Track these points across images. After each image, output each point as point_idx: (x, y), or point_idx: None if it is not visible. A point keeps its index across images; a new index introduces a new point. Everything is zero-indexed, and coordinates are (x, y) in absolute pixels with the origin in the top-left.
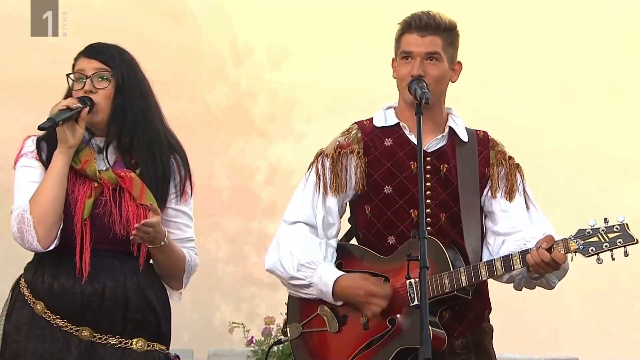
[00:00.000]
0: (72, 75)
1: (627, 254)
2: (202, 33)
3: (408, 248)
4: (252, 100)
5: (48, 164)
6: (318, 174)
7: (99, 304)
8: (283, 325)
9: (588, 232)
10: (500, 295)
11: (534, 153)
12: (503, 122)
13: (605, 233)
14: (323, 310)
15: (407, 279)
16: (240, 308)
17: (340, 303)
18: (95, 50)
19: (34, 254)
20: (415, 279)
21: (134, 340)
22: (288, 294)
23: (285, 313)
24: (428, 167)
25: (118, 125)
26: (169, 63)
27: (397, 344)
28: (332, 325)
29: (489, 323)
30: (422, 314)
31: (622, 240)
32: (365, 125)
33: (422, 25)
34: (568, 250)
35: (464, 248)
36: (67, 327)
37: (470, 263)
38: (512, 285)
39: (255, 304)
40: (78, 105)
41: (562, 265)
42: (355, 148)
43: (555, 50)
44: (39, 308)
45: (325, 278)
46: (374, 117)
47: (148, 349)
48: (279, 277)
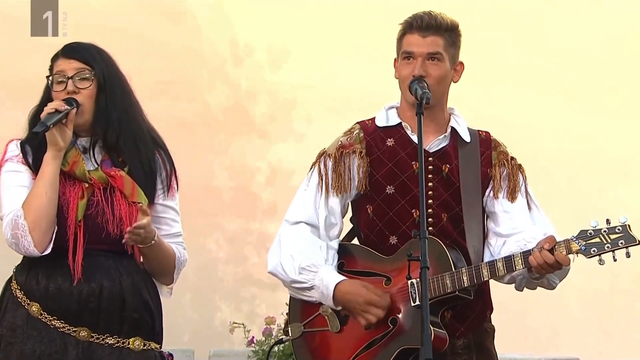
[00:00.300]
0: (51, 77)
1: (629, 255)
2: (202, 33)
3: (409, 248)
4: (252, 101)
5: (35, 168)
6: (320, 174)
7: (97, 304)
8: (284, 325)
9: (590, 233)
10: (501, 296)
11: (534, 153)
12: (503, 122)
13: (607, 234)
14: (324, 310)
15: (408, 279)
16: (241, 308)
17: (340, 308)
18: (74, 50)
19: (22, 257)
20: (417, 279)
21: (131, 340)
22: (289, 294)
23: (287, 313)
24: (430, 167)
25: (103, 125)
26: (170, 63)
27: (398, 344)
28: (333, 325)
29: (491, 323)
30: (422, 314)
31: (624, 242)
32: (368, 125)
33: (423, 26)
34: (570, 251)
35: (466, 248)
36: (64, 327)
37: (472, 263)
38: (513, 286)
39: (256, 304)
40: (66, 107)
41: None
42: (358, 148)
43: (556, 51)
44: (35, 309)
45: (326, 281)
46: (376, 117)
47: (144, 348)
48: (281, 279)
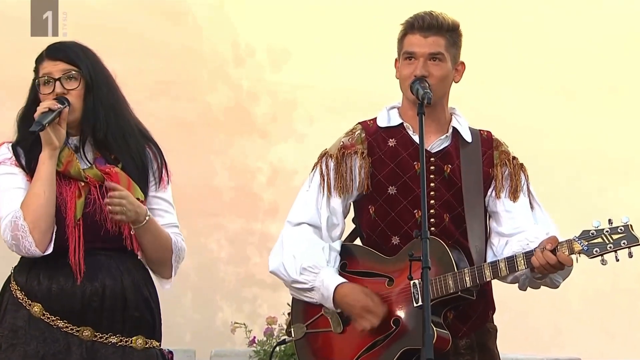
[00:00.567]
0: (38, 79)
1: (631, 255)
2: (203, 33)
3: (411, 248)
4: (253, 101)
5: (28, 169)
6: (322, 175)
7: (100, 304)
8: (287, 326)
9: (592, 233)
10: (503, 296)
11: (534, 153)
12: (503, 122)
13: (610, 234)
14: (327, 311)
15: (409, 280)
16: (242, 308)
17: (339, 310)
18: (58, 51)
19: (20, 257)
20: (419, 280)
21: (134, 339)
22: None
23: (289, 313)
24: (432, 167)
25: (91, 123)
26: (171, 63)
27: (401, 345)
28: (336, 326)
29: (493, 323)
30: (424, 315)
31: (626, 242)
32: (369, 126)
33: (425, 26)
34: (572, 252)
35: (468, 249)
36: (67, 327)
37: (475, 264)
38: (516, 285)
39: (257, 305)
40: (59, 106)
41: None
42: (360, 148)
43: (556, 50)
44: (37, 310)
45: (327, 283)
46: (378, 117)
47: (147, 347)
48: (282, 280)
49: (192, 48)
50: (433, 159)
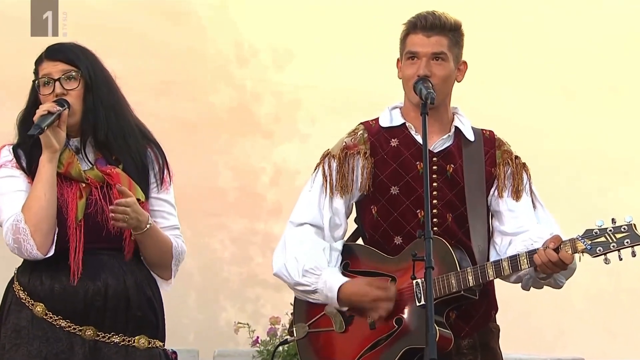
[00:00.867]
0: (38, 80)
1: (634, 254)
2: (206, 34)
3: (415, 248)
4: (256, 101)
5: (29, 171)
6: (325, 175)
7: (103, 303)
8: (289, 325)
9: (595, 232)
10: (506, 295)
11: (535, 153)
12: (504, 122)
13: (613, 233)
14: (329, 310)
15: (412, 279)
16: (246, 308)
17: (346, 308)
18: (58, 52)
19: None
20: (422, 279)
21: (137, 338)
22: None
23: (292, 313)
24: (434, 167)
25: (91, 124)
26: (174, 64)
27: (403, 344)
28: (338, 326)
29: (496, 323)
30: (427, 314)
31: (629, 241)
32: (371, 126)
33: (427, 26)
34: (575, 251)
35: (471, 248)
36: (70, 327)
37: (477, 263)
38: (518, 285)
39: (261, 305)
40: (58, 109)
41: (569, 265)
42: (362, 149)
43: (556, 50)
44: (39, 310)
45: (330, 284)
46: (380, 117)
47: (149, 346)
48: (286, 282)
49: (195, 48)
50: (435, 159)
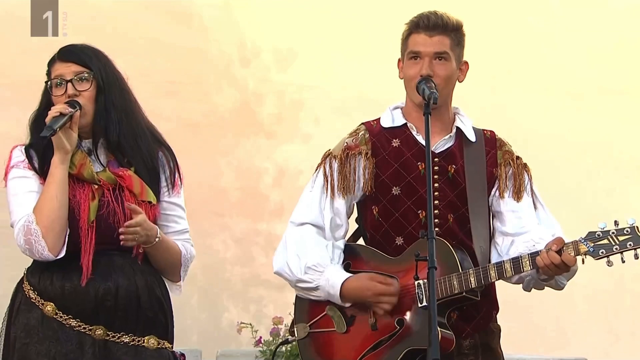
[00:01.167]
0: (50, 81)
1: (637, 257)
2: (209, 34)
3: (417, 249)
4: (259, 102)
5: (41, 172)
6: (326, 176)
7: (113, 303)
8: (290, 325)
9: (598, 234)
10: (508, 296)
11: (541, 154)
12: (511, 123)
13: (616, 235)
14: (331, 311)
15: (415, 280)
16: (249, 309)
17: (349, 305)
18: (71, 53)
19: (33, 259)
20: (424, 280)
21: (146, 338)
22: (295, 294)
23: (293, 310)
24: (436, 167)
25: (103, 125)
26: (177, 64)
27: (405, 345)
28: (339, 326)
29: (497, 323)
30: (430, 315)
31: (632, 243)
32: (373, 126)
33: (430, 25)
34: (578, 253)
35: (472, 249)
36: (80, 327)
37: (479, 264)
38: (520, 286)
39: (263, 305)
40: (70, 110)
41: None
42: (364, 149)
43: (563, 52)
44: (49, 309)
45: (333, 280)
46: (381, 117)
47: (159, 347)
48: (287, 279)
49: (198, 49)
50: (437, 159)
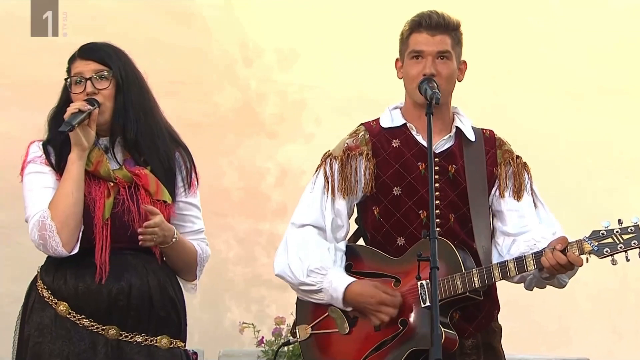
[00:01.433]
0: (70, 79)
1: None
2: (211, 35)
3: (419, 249)
4: (261, 102)
5: (58, 168)
6: (326, 177)
7: (126, 303)
8: (292, 327)
9: (602, 233)
10: (510, 295)
11: (543, 154)
12: (511, 123)
13: (620, 234)
14: (333, 312)
15: (417, 280)
16: (251, 309)
17: (350, 309)
18: (91, 51)
19: (47, 256)
20: (427, 281)
21: (159, 338)
22: (297, 295)
23: (295, 311)
24: (436, 167)
25: (121, 123)
26: (179, 64)
27: (408, 346)
28: (342, 327)
29: (498, 322)
30: (432, 315)
31: (637, 242)
32: (372, 127)
33: (432, 25)
34: (582, 252)
35: (473, 248)
36: (93, 326)
37: (482, 263)
38: (520, 285)
39: (266, 305)
40: (89, 107)
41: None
42: (364, 150)
43: (563, 52)
44: (62, 309)
45: (336, 284)
46: (381, 118)
47: (171, 346)
48: (289, 282)
49: (200, 49)
50: (437, 159)
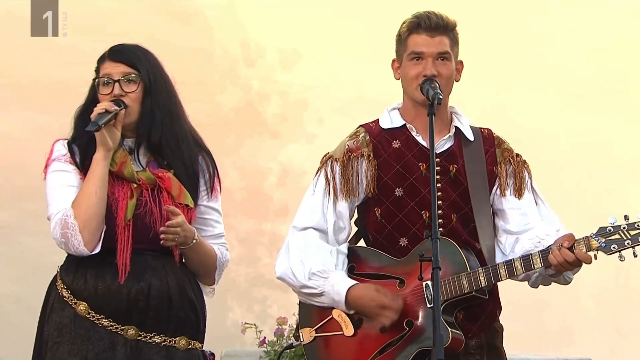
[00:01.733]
0: (98, 79)
1: None
2: (213, 35)
3: (423, 249)
4: (263, 102)
5: (82, 167)
6: (327, 179)
7: (145, 303)
8: (295, 330)
9: (609, 229)
10: (513, 296)
11: (543, 154)
12: (512, 123)
13: (627, 230)
14: (338, 314)
15: (419, 280)
16: (253, 309)
17: (353, 312)
18: (120, 53)
19: (67, 256)
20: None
21: (177, 339)
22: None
23: (297, 313)
24: (438, 168)
25: (147, 126)
26: (181, 64)
27: (415, 346)
28: (347, 329)
29: (499, 322)
30: (434, 315)
31: None
32: (372, 128)
33: (432, 26)
34: (590, 249)
35: (476, 248)
36: (112, 326)
37: (486, 262)
38: (525, 286)
39: (268, 305)
40: (115, 108)
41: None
42: (366, 151)
43: (564, 51)
44: (82, 309)
45: (338, 287)
46: (380, 119)
47: (189, 347)
48: (290, 285)
49: (201, 49)
50: (438, 160)
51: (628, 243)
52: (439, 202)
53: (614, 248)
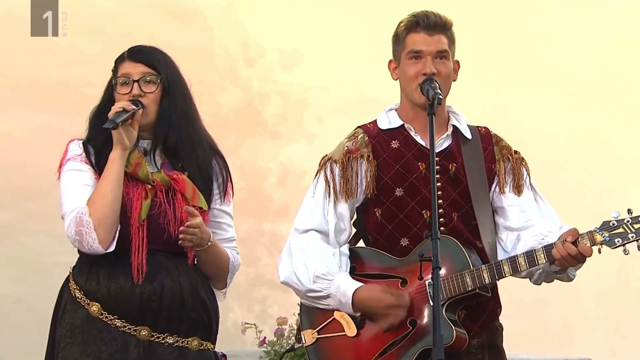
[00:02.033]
0: (116, 79)
1: None
2: (213, 35)
3: (424, 248)
4: (263, 102)
5: (97, 167)
6: (327, 180)
7: (158, 304)
8: (297, 332)
9: (613, 223)
10: (514, 295)
11: (543, 154)
12: (513, 123)
13: (631, 224)
14: (340, 315)
15: (419, 280)
16: (253, 309)
17: (359, 314)
18: (140, 54)
19: (79, 257)
20: None
21: (190, 339)
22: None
23: (298, 314)
24: (437, 167)
25: (164, 128)
26: (181, 64)
27: (419, 345)
28: (350, 329)
29: (499, 321)
30: (434, 314)
31: None
32: (370, 129)
33: (430, 24)
34: (594, 243)
35: (477, 246)
36: (125, 327)
37: (489, 259)
38: (523, 285)
39: (268, 305)
40: (133, 107)
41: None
42: (365, 152)
43: (564, 51)
44: (95, 309)
45: (344, 289)
46: (378, 120)
47: (202, 348)
48: (295, 289)
49: (201, 49)
50: (437, 159)
51: (632, 236)
52: (440, 201)
53: (618, 242)
